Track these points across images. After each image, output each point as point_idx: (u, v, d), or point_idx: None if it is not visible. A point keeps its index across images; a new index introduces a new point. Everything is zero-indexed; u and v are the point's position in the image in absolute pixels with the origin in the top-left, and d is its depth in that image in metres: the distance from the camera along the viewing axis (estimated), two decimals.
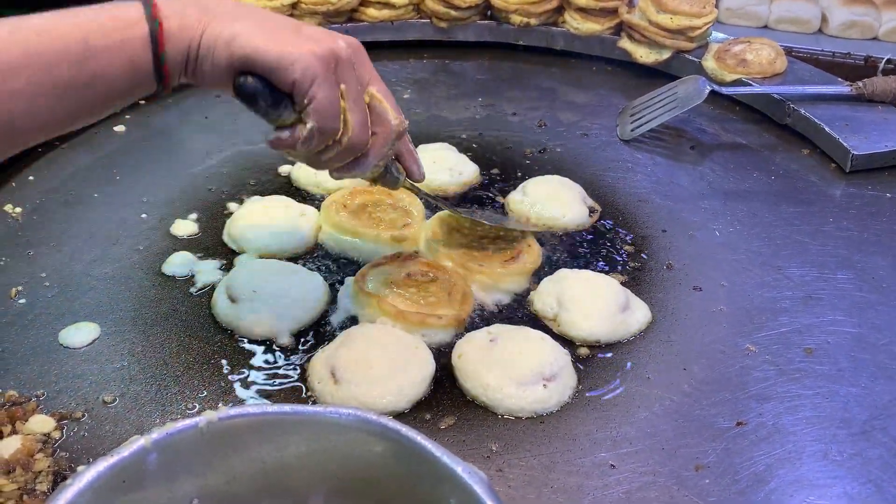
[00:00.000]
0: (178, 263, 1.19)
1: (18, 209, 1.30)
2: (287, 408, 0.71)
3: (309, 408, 0.72)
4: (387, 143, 0.97)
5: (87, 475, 0.64)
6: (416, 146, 1.45)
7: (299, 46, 0.86)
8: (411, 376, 0.98)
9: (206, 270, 1.18)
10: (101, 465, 0.65)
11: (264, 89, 0.87)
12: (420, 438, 0.68)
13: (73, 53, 0.79)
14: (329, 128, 0.90)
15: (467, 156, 1.46)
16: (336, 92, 0.89)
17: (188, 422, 0.68)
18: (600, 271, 1.19)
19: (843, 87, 1.62)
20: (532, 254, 1.19)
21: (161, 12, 0.83)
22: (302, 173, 1.39)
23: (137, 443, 0.66)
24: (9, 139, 0.81)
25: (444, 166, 1.40)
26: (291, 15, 1.88)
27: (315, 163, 0.97)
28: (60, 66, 0.79)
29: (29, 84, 0.78)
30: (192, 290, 1.15)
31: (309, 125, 0.89)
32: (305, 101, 0.88)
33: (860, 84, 1.60)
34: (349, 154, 0.94)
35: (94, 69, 0.81)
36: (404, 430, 0.69)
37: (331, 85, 0.88)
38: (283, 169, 1.43)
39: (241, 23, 0.86)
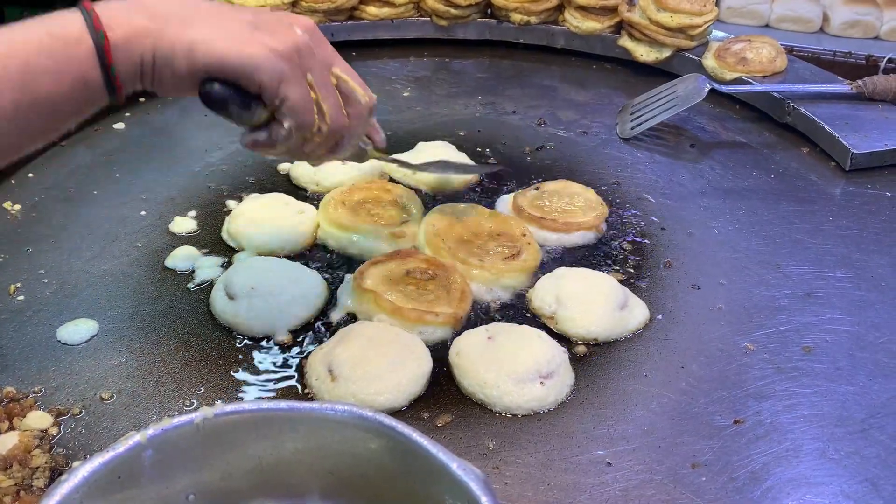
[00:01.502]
0: (182, 257, 1.20)
1: (17, 206, 1.30)
2: (283, 404, 0.71)
3: (304, 404, 0.72)
4: (361, 122, 0.96)
5: (82, 471, 0.64)
6: (416, 144, 1.46)
7: (260, 46, 0.83)
8: (409, 373, 0.98)
9: (206, 267, 1.18)
10: (97, 460, 0.65)
11: (233, 94, 0.85)
12: (415, 435, 0.68)
13: (14, 79, 0.75)
14: (306, 122, 0.89)
15: (466, 154, 1.46)
16: (305, 85, 0.87)
17: (184, 418, 0.69)
18: (599, 269, 1.19)
19: (843, 86, 1.62)
20: (532, 251, 1.18)
21: (104, 23, 0.78)
22: (301, 171, 1.39)
23: (133, 439, 0.66)
24: None
25: None
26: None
27: (297, 154, 0.96)
28: (2, 92, 0.74)
29: None
30: (190, 285, 1.15)
31: (286, 124, 0.88)
32: (277, 102, 0.86)
33: (860, 83, 1.60)
34: (330, 140, 0.94)
35: (39, 91, 0.76)
36: (399, 426, 0.69)
37: (299, 80, 0.86)
38: (283, 167, 1.43)
39: (195, 28, 0.82)
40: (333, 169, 1.34)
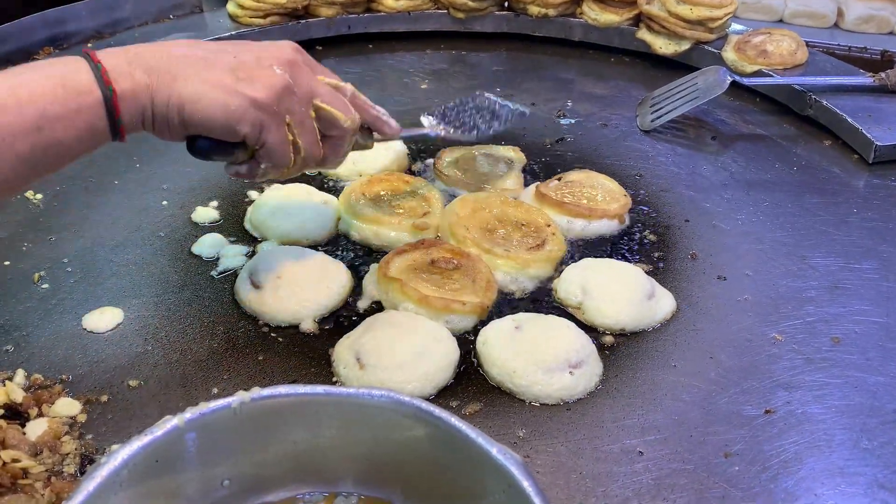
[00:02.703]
0: (208, 244, 1.20)
1: (39, 196, 1.30)
2: (320, 389, 0.71)
3: (341, 389, 0.71)
4: (343, 142, 1.01)
5: (121, 454, 0.63)
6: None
7: (242, 99, 0.88)
8: (437, 362, 0.97)
9: (230, 255, 1.17)
10: (135, 444, 0.64)
11: (216, 147, 0.92)
12: (454, 420, 0.67)
13: (31, 126, 0.80)
14: (283, 161, 0.95)
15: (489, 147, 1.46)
16: (283, 129, 0.93)
17: (221, 402, 0.68)
18: (624, 260, 1.19)
19: (865, 79, 1.62)
20: (557, 241, 1.18)
21: (112, 77, 0.84)
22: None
23: (171, 423, 0.66)
24: None
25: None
26: (308, 6, 1.87)
27: (275, 178, 1.05)
28: (18, 138, 0.80)
29: None
30: (214, 273, 1.15)
31: (263, 165, 0.95)
32: (257, 147, 0.93)
33: (882, 75, 1.59)
34: (305, 167, 1.00)
35: (52, 136, 0.82)
36: (437, 411, 0.68)
37: (277, 125, 0.92)
38: None
39: (183, 84, 0.87)
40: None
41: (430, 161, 1.42)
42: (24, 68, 0.84)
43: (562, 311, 1.10)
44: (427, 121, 1.29)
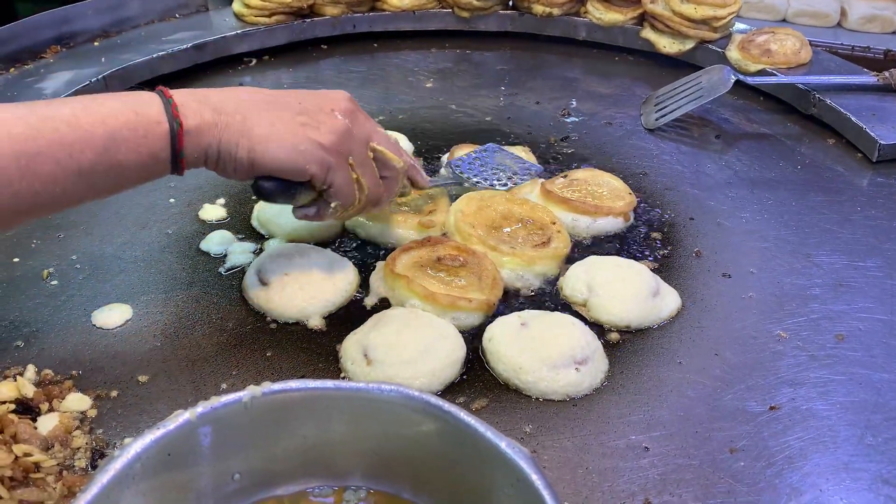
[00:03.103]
0: (217, 241, 1.21)
1: None
2: (329, 383, 0.71)
3: (351, 384, 0.72)
4: (396, 183, 1.09)
5: (134, 447, 0.64)
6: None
7: (310, 143, 0.94)
8: (444, 358, 0.98)
9: (238, 252, 1.18)
10: (148, 437, 0.65)
11: (282, 188, 0.98)
12: (463, 414, 0.68)
13: (98, 144, 0.84)
14: (349, 199, 1.01)
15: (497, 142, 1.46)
16: (348, 170, 0.99)
17: (232, 396, 0.69)
18: (629, 258, 1.19)
19: (869, 78, 1.62)
20: (562, 238, 1.18)
21: (181, 112, 0.89)
22: None
23: (183, 417, 0.66)
24: (27, 213, 0.85)
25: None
26: (313, 5, 1.88)
27: (340, 218, 1.12)
28: (85, 153, 0.84)
29: (56, 168, 0.82)
30: (222, 269, 1.16)
31: (333, 204, 1.01)
32: (325, 188, 0.98)
33: (887, 74, 1.60)
34: (369, 205, 1.06)
35: (116, 158, 0.86)
36: (447, 406, 0.69)
37: (342, 166, 0.98)
38: None
39: (254, 126, 0.92)
40: None
41: (443, 157, 1.43)
42: (106, 96, 0.89)
43: (567, 308, 1.11)
44: (447, 171, 1.35)
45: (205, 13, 1.95)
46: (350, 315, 1.09)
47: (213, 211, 1.28)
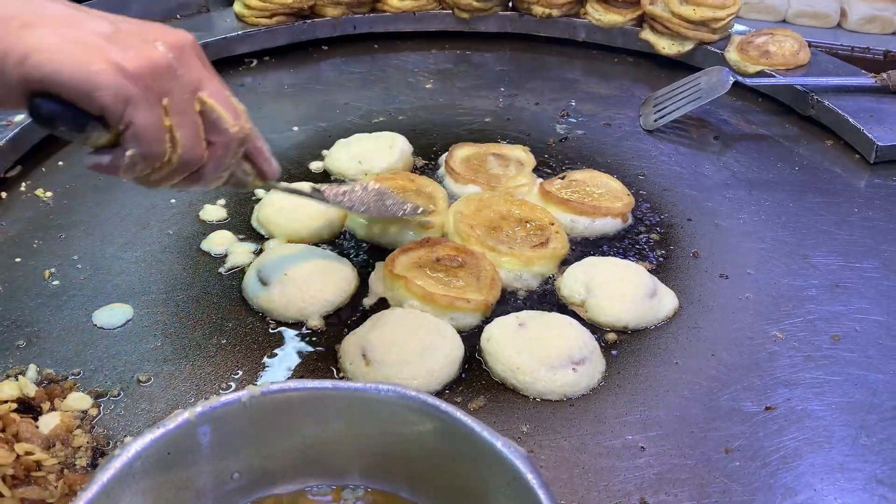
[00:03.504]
0: (217, 241, 1.22)
1: (49, 193, 1.32)
2: (328, 383, 0.72)
3: (349, 384, 0.73)
4: (227, 154, 0.86)
5: (134, 446, 0.65)
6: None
7: (106, 63, 0.73)
8: (442, 358, 0.99)
9: (238, 252, 1.19)
10: (148, 437, 0.66)
11: (65, 113, 0.75)
12: (459, 414, 0.69)
13: None
14: (154, 152, 0.79)
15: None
16: (157, 110, 0.78)
17: (231, 396, 0.69)
18: (627, 259, 1.20)
19: (867, 79, 1.63)
20: (560, 239, 1.19)
21: None
22: (329, 163, 1.41)
23: (182, 416, 0.67)
24: None
25: None
26: (314, 6, 1.89)
27: (145, 183, 0.85)
28: None
29: None
30: (222, 269, 1.16)
31: (129, 152, 0.78)
32: (121, 127, 0.77)
33: (884, 76, 1.60)
34: (182, 172, 0.84)
35: None
36: (444, 406, 0.69)
37: (150, 104, 0.77)
38: (314, 166, 1.45)
39: (35, 32, 0.72)
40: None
41: (440, 158, 1.44)
42: None
43: (565, 308, 1.12)
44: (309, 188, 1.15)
45: (206, 14, 1.95)
46: (349, 315, 1.09)
47: (214, 211, 1.29)
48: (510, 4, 1.98)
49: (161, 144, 0.79)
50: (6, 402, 0.88)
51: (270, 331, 1.06)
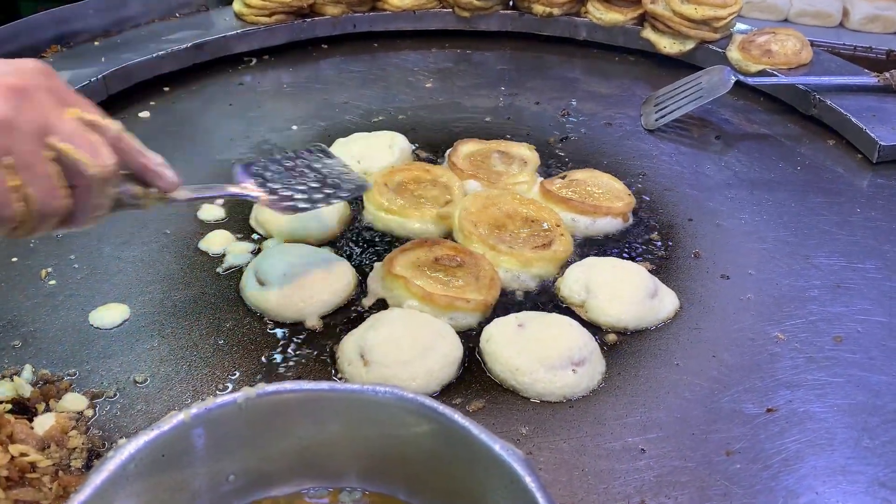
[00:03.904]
0: (216, 241, 1.21)
1: None
2: (325, 385, 0.71)
3: (346, 385, 0.72)
4: (93, 194, 0.79)
5: (128, 448, 0.64)
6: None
7: None
8: (441, 359, 0.98)
9: (236, 252, 1.18)
10: (142, 438, 0.65)
11: None
12: (457, 416, 0.68)
13: None
14: (1, 216, 0.74)
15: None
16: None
17: (227, 398, 0.69)
18: (627, 259, 1.19)
19: (870, 78, 1.62)
20: (564, 242, 1.18)
21: None
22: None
23: (177, 418, 0.67)
24: None
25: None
26: (313, 4, 1.88)
27: (15, 237, 0.79)
28: None
29: None
30: (219, 269, 1.16)
31: None
32: None
33: (887, 75, 1.60)
34: (48, 223, 0.78)
35: None
36: (441, 408, 0.69)
37: None
38: None
39: None
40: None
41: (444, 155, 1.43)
42: None
43: (565, 309, 1.11)
44: (242, 177, 1.05)
45: (205, 13, 1.95)
46: (347, 316, 1.09)
47: (212, 211, 1.28)
48: (511, 3, 1.97)
49: (7, 208, 0.73)
50: (1, 402, 0.88)
51: (268, 331, 1.05)
